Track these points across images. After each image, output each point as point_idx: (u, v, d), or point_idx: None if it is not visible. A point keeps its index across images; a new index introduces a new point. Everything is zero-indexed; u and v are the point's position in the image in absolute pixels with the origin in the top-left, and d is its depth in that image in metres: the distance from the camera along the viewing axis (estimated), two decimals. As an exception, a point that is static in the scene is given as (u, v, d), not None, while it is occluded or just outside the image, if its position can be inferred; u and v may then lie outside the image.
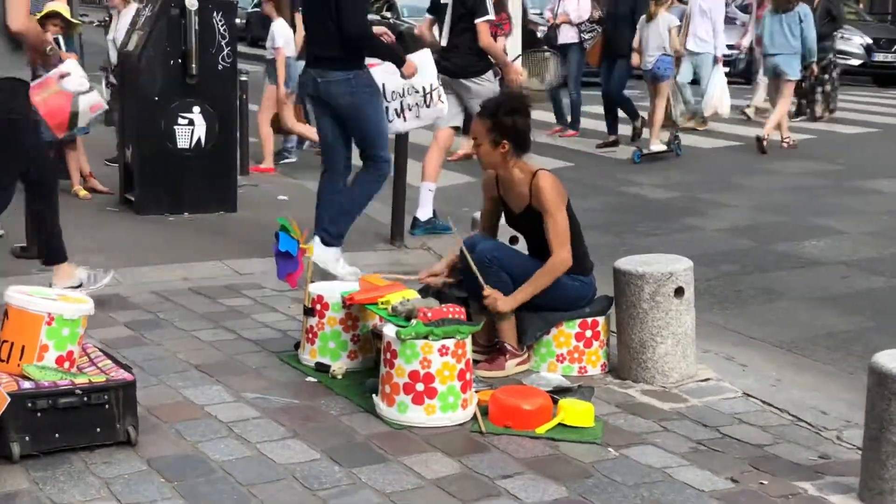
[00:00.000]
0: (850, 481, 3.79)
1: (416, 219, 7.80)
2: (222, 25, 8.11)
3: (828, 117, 14.37)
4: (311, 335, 4.90)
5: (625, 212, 9.01)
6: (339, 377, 4.76)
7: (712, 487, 3.79)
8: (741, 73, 17.48)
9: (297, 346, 5.09)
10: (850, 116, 14.40)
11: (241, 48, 9.30)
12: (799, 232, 8.19)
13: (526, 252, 5.14)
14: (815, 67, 12.69)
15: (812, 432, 4.36)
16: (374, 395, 4.39)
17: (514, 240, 5.31)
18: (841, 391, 4.94)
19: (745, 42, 15.87)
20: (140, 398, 4.12)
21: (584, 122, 13.18)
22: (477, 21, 7.72)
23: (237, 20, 8.80)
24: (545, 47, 12.48)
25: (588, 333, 4.97)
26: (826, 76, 14.13)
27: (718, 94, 12.78)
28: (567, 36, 12.78)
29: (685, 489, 3.78)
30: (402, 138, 7.49)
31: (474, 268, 4.81)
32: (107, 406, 3.93)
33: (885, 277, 6.97)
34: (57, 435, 3.86)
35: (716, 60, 12.91)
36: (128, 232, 7.61)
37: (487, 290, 4.82)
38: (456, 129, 8.06)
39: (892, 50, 20.82)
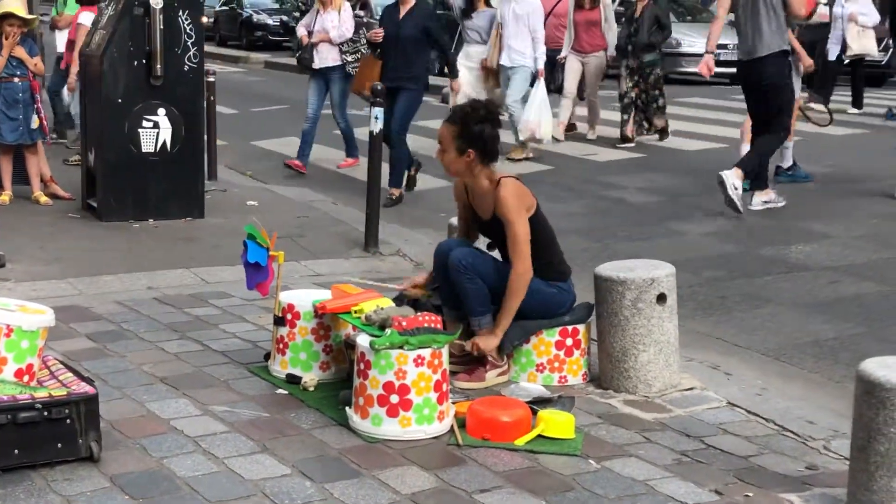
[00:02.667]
0: (837, 493, 3.75)
1: (778, 167, 10.06)
2: (188, 24, 8.01)
3: (664, 129, 12.87)
4: (281, 345, 4.83)
5: (606, 216, 8.96)
6: (311, 389, 4.69)
7: (696, 500, 3.75)
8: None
9: (266, 356, 5.02)
10: (837, 117, 14.32)
11: (209, 48, 9.17)
12: (786, 236, 8.15)
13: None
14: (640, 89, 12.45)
15: (798, 442, 4.33)
16: (347, 408, 4.33)
17: (491, 246, 5.22)
18: (828, 400, 4.91)
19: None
20: (103, 412, 4.06)
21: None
22: None
23: (204, 19, 8.67)
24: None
25: (569, 342, 4.93)
26: (657, 91, 12.56)
27: (536, 116, 10.94)
28: (327, 58, 10.53)
29: (668, 502, 3.74)
30: (375, 145, 7.41)
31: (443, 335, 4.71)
32: (68, 421, 3.85)
33: (873, 283, 6.92)
34: (16, 451, 3.78)
35: (536, 76, 11.16)
36: (90, 239, 7.52)
37: (468, 346, 4.80)
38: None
39: (879, 49, 20.81)
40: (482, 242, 5.23)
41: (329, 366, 4.80)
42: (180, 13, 7.98)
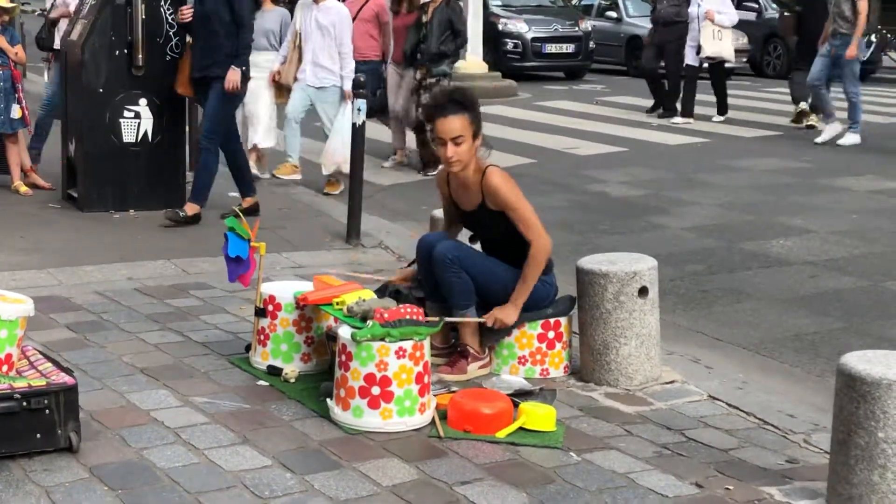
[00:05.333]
0: (817, 486, 3.76)
1: None
2: (170, 14, 7.96)
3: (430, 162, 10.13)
4: (262, 337, 4.81)
5: (588, 210, 8.97)
6: (292, 381, 4.67)
7: (676, 493, 3.75)
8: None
9: (247, 348, 5.00)
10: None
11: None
12: (766, 231, 8.17)
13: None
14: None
15: (779, 436, 4.33)
16: (328, 400, 4.32)
17: (474, 238, 5.22)
18: (809, 394, 4.92)
19: None
20: (83, 403, 4.04)
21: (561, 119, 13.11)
22: None
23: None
24: None
25: (551, 335, 4.92)
26: None
27: (342, 145, 8.79)
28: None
29: (649, 495, 3.73)
30: (358, 137, 7.40)
31: (455, 319, 4.79)
32: (47, 411, 3.83)
33: (853, 277, 6.94)
34: (-6, 441, 3.76)
35: (344, 97, 9.15)
36: (71, 230, 7.50)
37: (487, 320, 4.78)
38: None
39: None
40: (463, 235, 5.22)
41: (310, 357, 4.78)
42: (162, 3, 7.94)
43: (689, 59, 13.85)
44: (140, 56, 7.83)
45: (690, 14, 13.74)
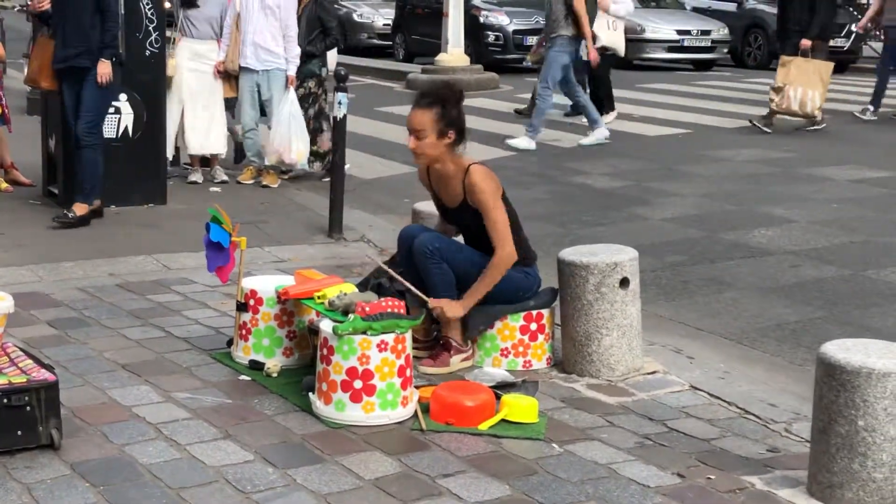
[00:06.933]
0: (799, 475, 3.77)
1: None
2: (150, 9, 7.96)
3: (322, 173, 9.35)
4: (244, 332, 4.80)
5: (570, 201, 8.97)
6: (274, 375, 4.67)
7: (658, 483, 3.76)
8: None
9: (229, 343, 5.00)
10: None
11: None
12: (747, 221, 8.18)
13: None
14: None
15: (760, 425, 4.34)
16: (310, 394, 4.32)
17: (455, 232, 5.22)
18: (790, 383, 4.93)
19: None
20: (64, 399, 4.03)
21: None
22: None
23: (166, 4, 8.58)
24: None
25: (533, 326, 4.92)
26: (312, 109, 9.35)
27: (286, 134, 8.71)
28: None
29: (631, 485, 3.74)
30: (339, 130, 7.39)
31: (405, 283, 4.76)
32: (28, 408, 3.81)
33: (834, 267, 6.96)
34: (-25, 439, 3.74)
35: (288, 83, 8.93)
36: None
37: (433, 302, 4.77)
38: None
39: (843, 34, 20.76)
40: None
41: (292, 352, 4.78)
42: (141, -2, 7.90)
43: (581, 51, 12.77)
44: (120, 51, 7.79)
45: None
